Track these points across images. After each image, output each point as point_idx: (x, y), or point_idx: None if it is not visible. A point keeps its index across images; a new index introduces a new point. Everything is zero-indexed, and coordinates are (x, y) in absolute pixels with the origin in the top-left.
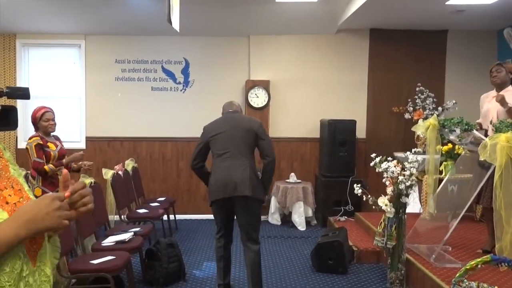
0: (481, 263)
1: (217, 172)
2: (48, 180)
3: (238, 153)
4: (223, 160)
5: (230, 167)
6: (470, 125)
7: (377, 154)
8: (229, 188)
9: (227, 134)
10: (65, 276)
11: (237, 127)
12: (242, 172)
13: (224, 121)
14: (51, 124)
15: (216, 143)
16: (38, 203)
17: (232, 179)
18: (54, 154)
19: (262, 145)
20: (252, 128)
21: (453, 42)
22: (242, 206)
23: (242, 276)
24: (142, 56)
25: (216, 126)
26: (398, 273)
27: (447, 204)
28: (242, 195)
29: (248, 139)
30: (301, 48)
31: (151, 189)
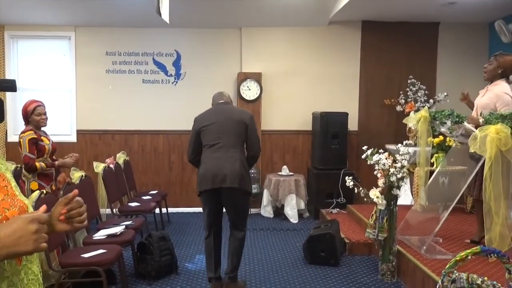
0: (471, 254)
1: (207, 162)
2: (43, 174)
3: (229, 145)
4: (213, 151)
5: (220, 158)
6: (461, 117)
7: (369, 146)
8: (218, 179)
9: (218, 125)
10: (56, 270)
11: (228, 118)
12: (232, 164)
13: (216, 112)
14: (43, 118)
15: (207, 133)
16: (12, 226)
17: (222, 170)
18: (48, 148)
19: (248, 137)
20: (243, 119)
21: (444, 35)
22: (229, 197)
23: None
24: (133, 48)
25: (207, 116)
26: (389, 264)
27: (438, 196)
28: (230, 186)
29: (239, 131)
30: (293, 40)
31: (143, 182)
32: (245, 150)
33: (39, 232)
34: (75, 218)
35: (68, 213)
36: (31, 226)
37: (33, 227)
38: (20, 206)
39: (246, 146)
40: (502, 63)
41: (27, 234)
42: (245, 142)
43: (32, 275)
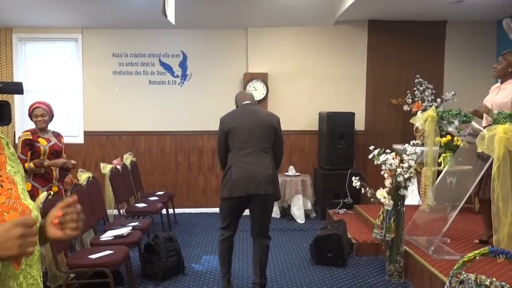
0: (479, 255)
1: (239, 168)
2: (39, 175)
3: (260, 149)
4: (244, 156)
5: (252, 163)
6: (469, 117)
7: (376, 146)
8: (252, 185)
9: (247, 128)
10: (64, 271)
11: (258, 121)
12: (265, 169)
13: (244, 114)
14: (39, 120)
15: (236, 136)
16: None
17: (257, 176)
18: (44, 149)
19: (276, 142)
20: (273, 124)
21: (452, 33)
22: (260, 203)
23: (241, 268)
24: (139, 50)
25: (235, 118)
26: (397, 265)
27: (446, 196)
28: (265, 193)
29: (269, 135)
30: (299, 40)
31: (149, 183)
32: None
33: (25, 237)
34: (68, 223)
35: (62, 218)
36: (16, 230)
37: (18, 231)
38: (22, 210)
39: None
40: (511, 61)
41: (12, 238)
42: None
43: (32, 279)
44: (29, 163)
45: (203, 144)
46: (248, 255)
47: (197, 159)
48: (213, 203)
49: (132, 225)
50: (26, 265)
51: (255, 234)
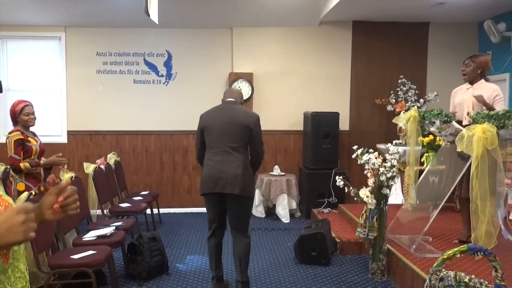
0: (458, 252)
1: (209, 165)
2: (31, 175)
3: (232, 148)
4: (215, 154)
5: (222, 162)
6: (450, 117)
7: (360, 146)
8: (219, 184)
9: (220, 126)
10: (45, 271)
11: (232, 120)
12: (235, 168)
13: (221, 112)
14: (31, 118)
15: (210, 134)
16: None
17: (224, 175)
18: (36, 148)
19: (251, 140)
20: (248, 123)
21: (434, 34)
22: (232, 203)
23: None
24: (123, 49)
25: (211, 115)
26: (380, 263)
27: (428, 195)
28: (231, 193)
29: (242, 135)
30: (284, 40)
31: (134, 183)
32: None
33: (27, 222)
34: (70, 205)
35: (64, 201)
36: (18, 217)
37: (20, 217)
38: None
39: (249, 150)
40: (479, 63)
41: (16, 225)
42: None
43: (19, 272)
44: (25, 163)
45: (188, 143)
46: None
47: (182, 158)
48: (198, 202)
49: (115, 225)
50: (13, 259)
51: (232, 231)
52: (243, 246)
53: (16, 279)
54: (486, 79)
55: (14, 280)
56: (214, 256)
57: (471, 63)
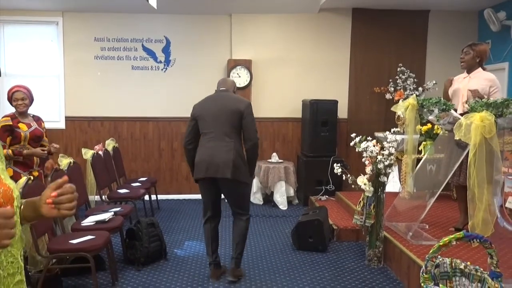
0: (454, 239)
1: (202, 151)
2: (19, 161)
3: (223, 134)
4: (208, 140)
5: (214, 148)
6: (448, 105)
7: (358, 134)
8: (211, 169)
9: (213, 113)
10: (44, 255)
11: (223, 107)
12: (226, 153)
13: (213, 100)
14: (19, 104)
15: (203, 122)
16: None
17: (215, 160)
18: (24, 135)
19: (244, 126)
20: (239, 108)
21: (434, 22)
22: (225, 187)
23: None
24: (122, 34)
25: (204, 104)
26: (376, 250)
27: (425, 183)
28: (223, 177)
29: (233, 120)
30: (284, 27)
31: (132, 169)
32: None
33: (3, 228)
34: (64, 204)
35: (57, 198)
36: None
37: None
38: (3, 190)
39: (243, 136)
40: (478, 52)
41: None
42: (242, 133)
43: (12, 257)
44: (8, 150)
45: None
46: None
47: (180, 145)
48: (196, 189)
49: (113, 210)
50: None
51: (232, 213)
52: (242, 224)
53: (9, 264)
54: (483, 68)
55: (6, 264)
56: (210, 241)
57: (470, 51)
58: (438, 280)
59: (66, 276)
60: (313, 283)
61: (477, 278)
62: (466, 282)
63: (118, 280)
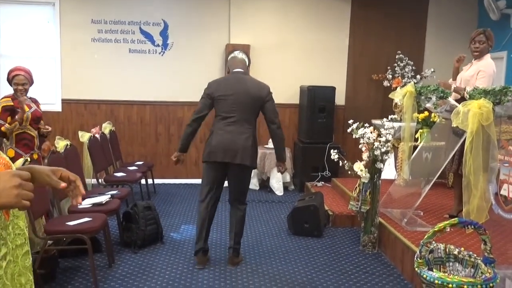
0: (448, 225)
1: (220, 134)
2: (22, 142)
3: (244, 120)
4: (227, 124)
5: (233, 132)
6: (446, 93)
7: (356, 121)
8: (229, 153)
9: (235, 97)
10: (41, 237)
11: (247, 92)
12: (245, 140)
13: (233, 83)
14: (20, 89)
15: (223, 104)
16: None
17: (235, 145)
18: (26, 115)
19: (267, 110)
20: (262, 96)
21: (434, 10)
22: (237, 172)
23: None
24: (119, 17)
25: (224, 86)
26: (371, 236)
27: (421, 170)
28: (241, 163)
29: (255, 107)
30: (282, 12)
31: (129, 153)
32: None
33: (22, 187)
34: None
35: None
36: (14, 180)
37: (16, 180)
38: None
39: (266, 119)
40: (490, 40)
41: (10, 186)
42: (263, 114)
43: (18, 229)
44: (5, 125)
45: (183, 115)
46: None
47: (177, 130)
48: (192, 174)
49: (110, 193)
50: (13, 216)
51: (232, 200)
52: (240, 213)
53: (16, 236)
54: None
55: (14, 236)
56: (206, 226)
57: (485, 41)
58: (432, 265)
59: (63, 257)
60: (308, 267)
61: (471, 264)
62: (459, 268)
63: (114, 262)
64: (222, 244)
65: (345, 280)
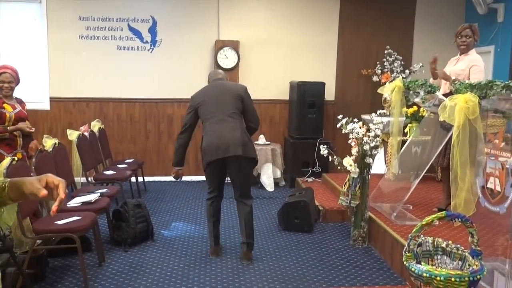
0: (436, 218)
1: (209, 135)
2: (4, 142)
3: (227, 116)
4: (213, 124)
5: (220, 129)
6: (434, 87)
7: (345, 116)
8: (221, 149)
9: (215, 98)
10: (30, 236)
11: (223, 91)
12: (232, 132)
13: (211, 88)
14: (5, 87)
15: (204, 108)
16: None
17: (224, 140)
18: (9, 115)
19: (246, 109)
20: (238, 92)
21: (422, 5)
22: (234, 165)
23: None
24: (107, 14)
25: (203, 92)
26: (361, 230)
27: (410, 165)
28: (235, 154)
29: (235, 103)
30: (272, 8)
31: (119, 151)
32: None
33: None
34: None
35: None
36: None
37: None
38: None
39: (244, 118)
40: (476, 34)
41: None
42: (243, 115)
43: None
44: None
45: (173, 112)
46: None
47: (167, 127)
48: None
49: (100, 191)
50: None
51: (237, 197)
52: (248, 209)
53: None
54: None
55: None
56: (215, 218)
57: (471, 35)
58: (421, 258)
59: (52, 257)
60: (298, 262)
61: (458, 256)
62: (447, 260)
63: (104, 261)
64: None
65: (335, 274)
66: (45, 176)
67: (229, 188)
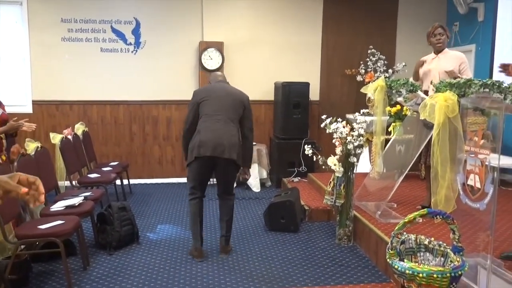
0: (418, 216)
1: (208, 131)
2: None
3: (229, 118)
4: (214, 122)
5: (221, 130)
6: (415, 86)
7: (330, 116)
8: (218, 149)
9: (219, 98)
10: (12, 242)
11: (229, 95)
12: (232, 137)
13: (216, 87)
14: None
15: (207, 104)
16: None
17: (223, 141)
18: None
19: (245, 116)
20: (243, 101)
21: (404, 5)
22: (224, 167)
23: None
24: (89, 15)
25: (207, 90)
26: (346, 229)
27: (394, 163)
28: (229, 158)
29: (237, 108)
30: (255, 9)
31: (103, 154)
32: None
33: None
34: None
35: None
36: None
37: None
38: None
39: (241, 125)
40: (447, 32)
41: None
42: (240, 123)
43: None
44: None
45: (158, 113)
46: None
47: (152, 129)
48: (168, 173)
49: (84, 195)
50: None
51: (220, 193)
52: (228, 205)
53: None
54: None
55: None
56: (199, 219)
57: (444, 33)
58: (404, 255)
59: (36, 262)
60: (284, 262)
61: (440, 253)
62: (430, 257)
63: (89, 265)
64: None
65: (321, 273)
66: (16, 174)
67: (210, 190)
